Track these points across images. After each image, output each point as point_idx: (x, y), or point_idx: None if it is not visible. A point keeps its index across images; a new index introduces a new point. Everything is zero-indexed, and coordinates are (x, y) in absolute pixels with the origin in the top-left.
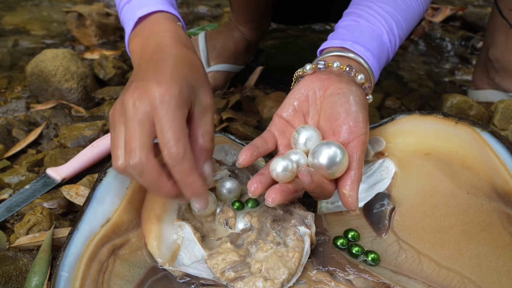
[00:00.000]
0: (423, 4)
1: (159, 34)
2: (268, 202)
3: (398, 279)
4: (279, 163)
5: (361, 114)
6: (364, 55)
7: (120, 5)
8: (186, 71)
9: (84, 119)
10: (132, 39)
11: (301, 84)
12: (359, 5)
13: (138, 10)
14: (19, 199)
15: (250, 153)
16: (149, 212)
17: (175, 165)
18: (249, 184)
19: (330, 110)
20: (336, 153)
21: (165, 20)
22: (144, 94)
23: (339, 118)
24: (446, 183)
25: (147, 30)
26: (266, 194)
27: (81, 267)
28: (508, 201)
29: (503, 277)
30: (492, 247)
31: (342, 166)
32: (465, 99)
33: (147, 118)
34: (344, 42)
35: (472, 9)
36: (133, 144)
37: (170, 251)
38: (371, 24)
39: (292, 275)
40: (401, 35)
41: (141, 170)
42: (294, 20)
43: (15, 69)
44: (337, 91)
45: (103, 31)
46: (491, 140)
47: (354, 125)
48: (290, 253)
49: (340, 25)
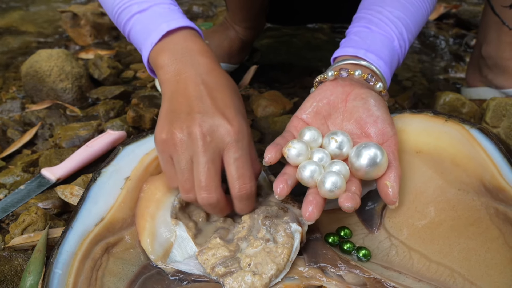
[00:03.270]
0: (430, 4)
1: (198, 54)
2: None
3: (389, 275)
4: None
5: (388, 117)
6: (377, 64)
7: (125, 14)
8: (239, 103)
9: (79, 119)
10: (159, 53)
11: (322, 89)
12: (369, 9)
13: (162, 24)
14: (14, 199)
15: (275, 151)
16: (143, 210)
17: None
18: (275, 185)
19: (357, 113)
20: (376, 154)
21: (197, 39)
22: (217, 130)
23: (368, 121)
24: (436, 180)
25: (180, 46)
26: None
27: (75, 265)
28: (496, 195)
29: (491, 269)
30: (481, 241)
31: (383, 166)
32: (458, 96)
33: (219, 155)
34: (357, 51)
35: (466, 7)
36: (211, 184)
37: (163, 248)
38: (382, 31)
39: (280, 270)
40: (410, 38)
41: (216, 205)
42: (290, 21)
43: (10, 69)
44: (361, 95)
45: (98, 31)
46: (479, 136)
47: (384, 126)
48: (279, 249)
49: (352, 31)
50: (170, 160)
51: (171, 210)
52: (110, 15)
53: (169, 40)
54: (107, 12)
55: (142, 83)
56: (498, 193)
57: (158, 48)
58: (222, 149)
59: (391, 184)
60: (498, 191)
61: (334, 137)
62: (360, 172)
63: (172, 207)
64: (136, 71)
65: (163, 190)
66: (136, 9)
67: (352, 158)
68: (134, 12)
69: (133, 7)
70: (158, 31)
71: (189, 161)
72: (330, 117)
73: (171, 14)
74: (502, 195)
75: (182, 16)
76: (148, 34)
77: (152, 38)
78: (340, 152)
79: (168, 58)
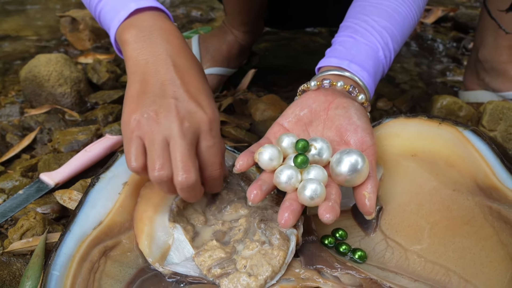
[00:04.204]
0: (416, 13)
1: (167, 34)
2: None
3: (385, 275)
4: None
5: (368, 126)
6: (361, 75)
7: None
8: (208, 87)
9: (77, 123)
10: (126, 28)
11: (305, 97)
12: (355, 18)
13: (132, 3)
14: (12, 204)
15: (247, 158)
16: (141, 213)
17: (215, 182)
18: (248, 191)
19: (338, 121)
20: (358, 161)
21: (166, 19)
22: (193, 117)
23: (349, 129)
24: (431, 181)
25: (148, 24)
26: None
27: (73, 267)
28: (490, 194)
29: (485, 267)
30: (475, 239)
31: (364, 174)
32: (455, 100)
33: (195, 140)
34: (341, 62)
35: (464, 10)
36: (190, 165)
37: (161, 251)
38: (367, 41)
39: (275, 272)
40: (396, 48)
41: (193, 188)
42: (287, 25)
43: (9, 74)
44: (343, 104)
45: (97, 35)
46: (473, 137)
47: (364, 135)
48: (275, 251)
49: (337, 40)
50: (138, 140)
51: (169, 213)
52: (85, 2)
53: (137, 18)
54: (83, 2)
55: None
56: (491, 192)
57: (125, 25)
58: (197, 136)
59: (368, 195)
60: (491, 190)
61: (314, 144)
62: (340, 177)
63: (170, 211)
64: None
65: (161, 195)
66: None
67: (334, 163)
68: None
69: None
70: (126, 9)
71: (164, 141)
72: (311, 124)
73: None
74: (495, 194)
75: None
76: (116, 13)
77: (120, 16)
78: (320, 159)
79: (135, 34)
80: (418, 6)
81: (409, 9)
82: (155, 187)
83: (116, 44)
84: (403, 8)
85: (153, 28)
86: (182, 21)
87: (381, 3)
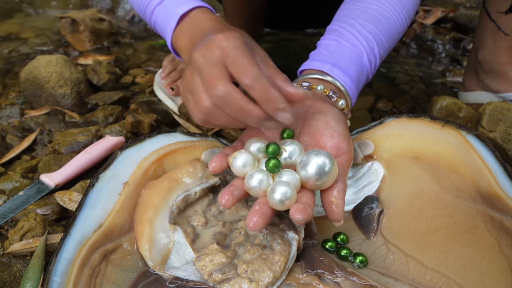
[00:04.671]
0: (405, 18)
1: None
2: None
3: (385, 281)
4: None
5: (346, 133)
6: (343, 80)
7: (149, 8)
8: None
9: (77, 124)
10: (178, 36)
11: None
12: (342, 22)
13: (178, 8)
14: (13, 205)
15: (220, 160)
16: (141, 216)
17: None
18: (220, 196)
19: (315, 126)
20: (325, 163)
21: (205, 13)
22: (210, 45)
23: (325, 134)
24: (433, 185)
25: (193, 26)
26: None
27: (73, 272)
28: (492, 203)
29: (486, 278)
30: (476, 249)
31: (332, 176)
32: (454, 101)
33: (220, 61)
34: (323, 66)
35: (463, 11)
36: (215, 79)
37: (161, 254)
38: (352, 45)
39: (276, 278)
40: (382, 54)
41: (229, 99)
42: (284, 26)
43: (9, 75)
44: (322, 109)
45: (97, 37)
46: (476, 143)
47: (340, 141)
48: (276, 257)
49: (322, 43)
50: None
51: (170, 215)
52: (141, 14)
53: (185, 24)
54: (138, 12)
55: (141, 89)
56: (493, 201)
57: (176, 33)
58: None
59: (336, 201)
60: (493, 199)
61: (284, 147)
62: (309, 182)
63: (170, 212)
64: (135, 76)
65: (161, 195)
66: (156, 2)
67: (299, 165)
68: (155, 5)
69: (154, 1)
70: (174, 17)
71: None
72: (290, 127)
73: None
74: (497, 203)
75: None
76: (167, 22)
77: (171, 24)
78: (291, 162)
79: (186, 39)
80: (408, 11)
81: (397, 14)
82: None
83: (173, 48)
84: (391, 13)
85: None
86: None
87: (368, 7)
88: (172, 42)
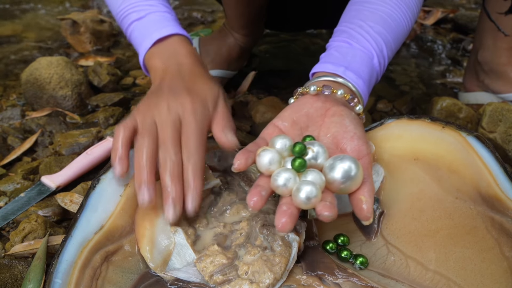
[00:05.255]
0: (410, 20)
1: (181, 56)
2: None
3: (386, 282)
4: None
5: (364, 135)
6: (356, 83)
7: (126, 20)
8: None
9: (78, 126)
10: (151, 57)
11: (302, 101)
12: (350, 23)
13: (154, 32)
14: (14, 207)
15: (245, 158)
16: (142, 217)
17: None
18: (248, 198)
19: (334, 129)
20: (351, 167)
21: (183, 42)
22: (177, 102)
23: (345, 137)
24: (433, 187)
25: (168, 51)
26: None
27: (75, 274)
28: (492, 205)
29: (486, 279)
30: (477, 250)
31: (358, 180)
32: (454, 101)
33: (178, 125)
34: (336, 68)
35: (463, 12)
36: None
37: (162, 256)
38: (363, 47)
39: (277, 279)
40: (389, 55)
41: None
42: (284, 27)
43: (10, 77)
44: (340, 112)
45: (98, 38)
46: (476, 144)
47: (360, 144)
48: (277, 258)
49: (332, 45)
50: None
51: None
52: (116, 20)
53: (158, 46)
54: (114, 16)
55: (141, 90)
56: (494, 203)
57: (150, 53)
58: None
59: (365, 199)
60: (494, 201)
61: (311, 147)
62: (334, 185)
63: None
64: (136, 77)
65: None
66: (135, 17)
67: (326, 169)
68: (132, 19)
69: (132, 15)
70: (151, 39)
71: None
72: (307, 129)
73: (164, 22)
74: (498, 205)
75: (174, 23)
76: (143, 39)
77: (145, 44)
78: (315, 163)
79: (158, 61)
80: (412, 13)
81: (403, 15)
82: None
83: (144, 66)
84: (398, 14)
85: (171, 53)
86: (183, 23)
87: (376, 8)
88: (144, 59)
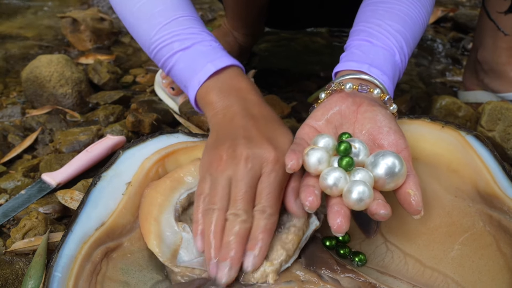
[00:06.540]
0: (425, 17)
1: (243, 92)
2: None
3: (384, 279)
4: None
5: (399, 129)
6: (382, 79)
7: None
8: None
9: (79, 124)
10: (207, 92)
11: (332, 99)
12: (368, 22)
13: (207, 64)
14: (15, 204)
15: (296, 158)
16: (146, 215)
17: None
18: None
19: (369, 125)
20: (395, 163)
21: (241, 75)
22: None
23: (382, 132)
24: (433, 185)
25: (227, 86)
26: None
27: (75, 268)
28: (490, 202)
29: (484, 276)
30: (474, 247)
31: (403, 176)
32: (454, 100)
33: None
34: (361, 65)
35: (463, 11)
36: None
37: (170, 250)
38: (384, 45)
39: (290, 256)
40: (409, 52)
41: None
42: (291, 26)
43: (10, 74)
44: (372, 108)
45: (98, 36)
46: (475, 143)
47: (397, 138)
48: (290, 236)
49: (352, 44)
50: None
51: (174, 213)
52: (145, 48)
53: (216, 79)
54: (141, 45)
55: (141, 88)
56: (492, 200)
57: (205, 87)
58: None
59: (413, 192)
60: (492, 198)
61: (353, 144)
62: (379, 182)
63: (174, 210)
64: (136, 76)
65: (164, 194)
66: (178, 47)
67: (368, 166)
68: (176, 49)
69: (174, 44)
70: (205, 71)
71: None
72: (342, 127)
73: (215, 52)
74: (496, 202)
75: (225, 53)
76: (194, 72)
77: (199, 77)
78: (357, 160)
79: (216, 95)
80: (427, 10)
81: (419, 13)
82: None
83: (195, 101)
84: (414, 12)
85: (232, 88)
86: None
87: (392, 7)
88: (197, 95)
